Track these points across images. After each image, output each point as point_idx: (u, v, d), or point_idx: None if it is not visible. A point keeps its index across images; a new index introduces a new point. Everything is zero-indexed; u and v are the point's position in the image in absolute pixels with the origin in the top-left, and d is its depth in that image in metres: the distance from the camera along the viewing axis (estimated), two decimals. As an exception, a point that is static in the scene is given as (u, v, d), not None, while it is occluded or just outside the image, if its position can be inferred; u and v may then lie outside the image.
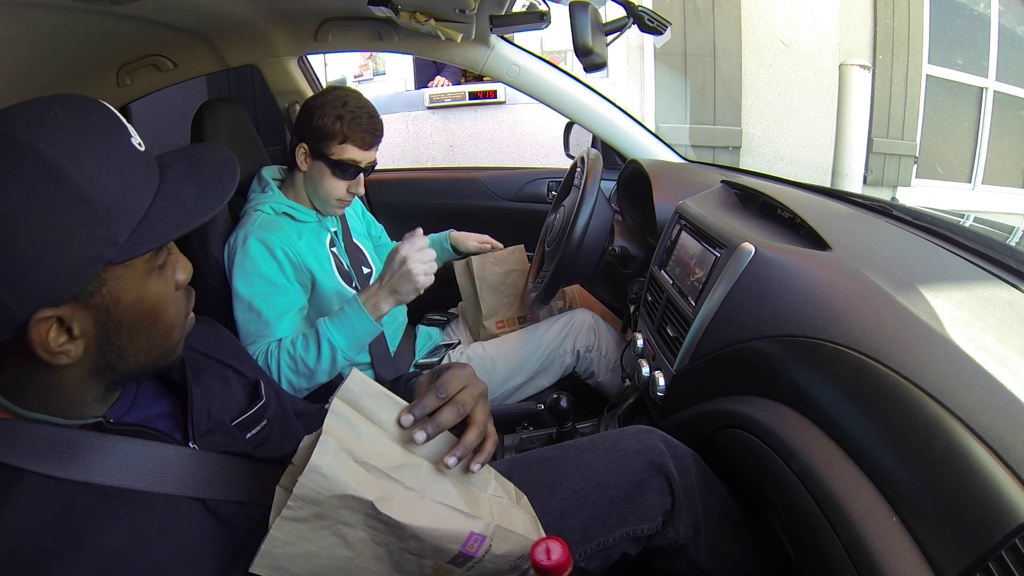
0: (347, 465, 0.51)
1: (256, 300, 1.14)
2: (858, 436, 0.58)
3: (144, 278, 0.51)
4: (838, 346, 0.63)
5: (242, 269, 1.15)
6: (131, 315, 0.51)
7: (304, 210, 1.26)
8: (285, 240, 1.17)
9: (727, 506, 0.81)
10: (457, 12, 1.22)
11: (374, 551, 0.54)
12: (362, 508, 0.51)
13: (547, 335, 1.38)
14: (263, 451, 0.66)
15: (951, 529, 0.46)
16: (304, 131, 1.20)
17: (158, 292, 0.53)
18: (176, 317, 0.56)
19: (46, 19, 0.97)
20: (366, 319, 1.08)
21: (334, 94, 1.20)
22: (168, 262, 0.55)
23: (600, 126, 1.57)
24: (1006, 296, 0.67)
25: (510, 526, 0.58)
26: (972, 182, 4.68)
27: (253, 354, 1.12)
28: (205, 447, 0.60)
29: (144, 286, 0.51)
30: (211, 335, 0.74)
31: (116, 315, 0.50)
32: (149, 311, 0.53)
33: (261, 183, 1.27)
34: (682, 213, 1.06)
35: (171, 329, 0.56)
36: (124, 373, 0.54)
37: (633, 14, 1.24)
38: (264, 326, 1.13)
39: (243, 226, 1.18)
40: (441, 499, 0.55)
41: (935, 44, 4.40)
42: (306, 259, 1.20)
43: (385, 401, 0.57)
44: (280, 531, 0.50)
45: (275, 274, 1.16)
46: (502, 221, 1.94)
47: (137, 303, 0.51)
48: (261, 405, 0.69)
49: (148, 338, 0.54)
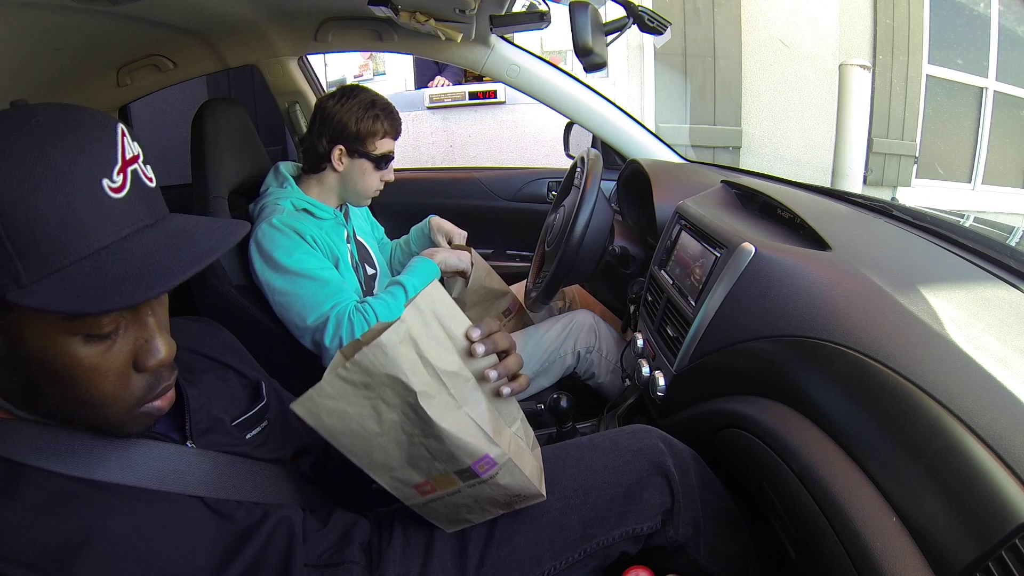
0: (409, 354, 0.56)
1: (312, 269, 1.16)
2: (858, 436, 0.58)
3: (56, 335, 0.44)
4: (838, 346, 0.63)
5: (284, 249, 1.15)
6: (37, 364, 0.45)
7: (324, 207, 1.27)
8: (310, 229, 1.19)
9: (727, 505, 0.81)
10: (457, 12, 1.22)
11: (397, 436, 0.59)
12: (405, 395, 0.56)
13: (547, 336, 1.38)
14: (263, 452, 0.67)
15: (951, 529, 0.46)
16: (340, 134, 1.23)
17: (78, 358, 0.45)
18: (114, 395, 0.48)
19: (46, 19, 0.97)
20: (432, 265, 1.28)
21: (359, 97, 1.23)
22: (121, 335, 0.47)
23: (600, 126, 1.57)
24: (1006, 296, 0.67)
25: (520, 464, 0.63)
26: (972, 182, 4.68)
27: (331, 315, 1.14)
28: (204, 446, 0.60)
29: (54, 343, 0.44)
30: (212, 337, 0.74)
31: (21, 352, 0.44)
32: (61, 372, 0.45)
33: (279, 178, 1.28)
34: (682, 213, 1.06)
35: (103, 404, 0.48)
36: (58, 419, 0.50)
37: (633, 14, 1.24)
38: (333, 287, 1.16)
39: (267, 217, 1.19)
40: (473, 415, 0.60)
41: (935, 44, 4.40)
42: (332, 246, 1.23)
43: (455, 314, 0.62)
44: (329, 385, 0.56)
45: (318, 254, 1.18)
46: (502, 221, 1.94)
47: (41, 356, 0.44)
48: (262, 406, 0.70)
49: (64, 398, 0.47)
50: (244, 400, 0.70)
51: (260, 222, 1.19)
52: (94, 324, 0.45)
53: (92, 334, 0.45)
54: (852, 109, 4.05)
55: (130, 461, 0.54)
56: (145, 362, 0.49)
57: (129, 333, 0.48)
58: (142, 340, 0.49)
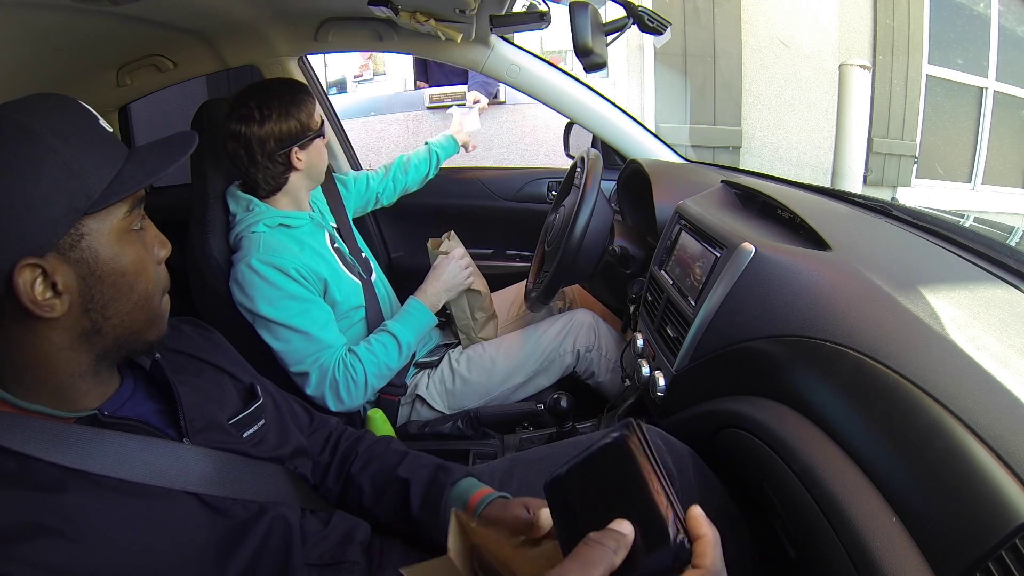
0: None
1: (294, 320, 1.13)
2: (858, 436, 0.58)
3: (120, 237, 0.56)
4: (838, 346, 0.63)
5: (264, 296, 1.12)
6: (110, 271, 0.55)
7: (296, 215, 1.23)
8: (293, 258, 1.14)
9: (726, 503, 0.81)
10: (457, 12, 1.22)
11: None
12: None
13: (547, 335, 1.38)
14: (260, 450, 0.67)
15: (951, 529, 0.46)
16: (286, 139, 1.17)
17: (135, 254, 0.57)
18: (155, 285, 0.60)
19: (46, 19, 0.97)
20: (428, 315, 1.29)
21: (264, 100, 1.16)
22: (147, 233, 0.60)
23: (600, 126, 1.57)
24: (1006, 296, 0.67)
25: None
26: (972, 182, 4.68)
27: (312, 370, 1.14)
28: (201, 444, 0.61)
29: (121, 244, 0.56)
30: (205, 340, 0.75)
31: (96, 270, 0.54)
32: (128, 270, 0.56)
33: (240, 203, 1.22)
34: (682, 213, 1.06)
35: (150, 296, 0.59)
36: (111, 339, 0.56)
37: (633, 14, 1.24)
38: (315, 343, 1.14)
39: (245, 257, 1.13)
40: None
41: (935, 44, 4.39)
42: (317, 268, 1.18)
43: None
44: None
45: (300, 291, 1.14)
46: (502, 221, 1.94)
47: (115, 259, 0.55)
48: (258, 404, 0.70)
49: (129, 299, 0.57)
50: (238, 400, 0.70)
51: (238, 262, 1.14)
52: (132, 219, 0.57)
53: (134, 228, 0.57)
54: (852, 109, 4.05)
55: (128, 456, 0.55)
56: (161, 253, 0.61)
57: (144, 233, 0.60)
58: (151, 235, 0.61)
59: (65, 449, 0.52)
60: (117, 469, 0.54)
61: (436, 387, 1.34)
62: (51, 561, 0.47)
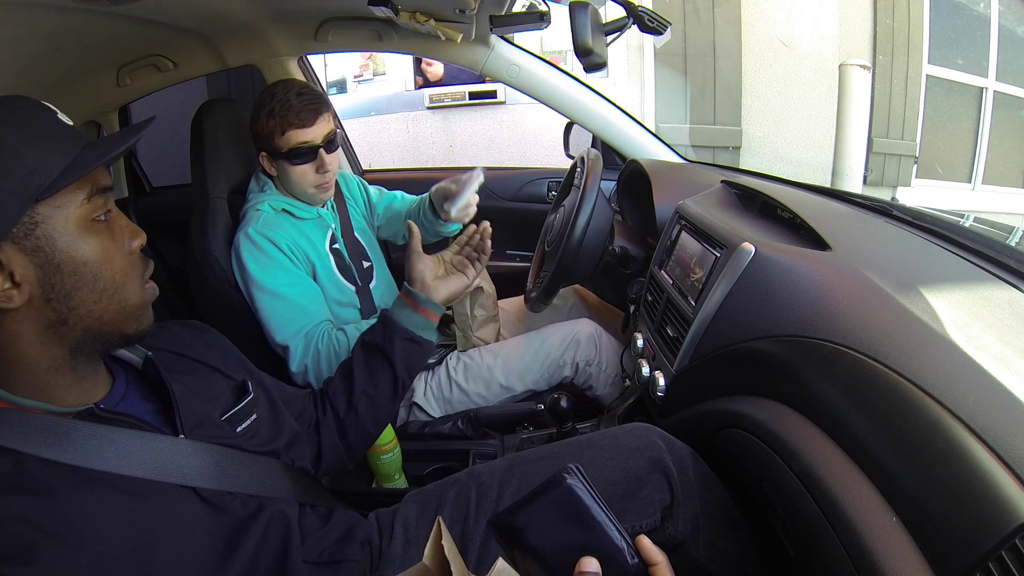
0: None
1: (282, 289, 1.15)
2: (858, 436, 0.58)
3: (81, 225, 0.55)
4: (838, 346, 0.63)
5: (258, 263, 1.15)
6: (69, 260, 0.54)
7: (303, 206, 1.25)
8: (287, 236, 1.19)
9: (725, 503, 0.81)
10: (457, 12, 1.22)
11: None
12: None
13: (546, 345, 1.34)
14: (254, 444, 0.68)
15: (951, 529, 0.46)
16: (256, 140, 1.21)
17: (99, 243, 0.56)
18: (124, 276, 0.59)
19: (46, 19, 0.97)
20: None
21: (265, 93, 1.18)
22: (114, 223, 0.59)
23: (600, 126, 1.57)
24: (1006, 296, 0.67)
25: None
26: (972, 182, 4.68)
27: (297, 341, 1.14)
28: (196, 439, 0.62)
29: (81, 233, 0.55)
30: (196, 339, 0.76)
31: (54, 259, 0.54)
32: (90, 259, 0.56)
33: (259, 182, 1.27)
34: (682, 213, 1.06)
35: (122, 286, 0.58)
36: (80, 331, 0.56)
37: (633, 14, 1.24)
38: (299, 311, 1.16)
39: (245, 226, 1.18)
40: None
41: (935, 44, 4.40)
42: (308, 253, 1.22)
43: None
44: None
45: (289, 265, 1.18)
46: (502, 221, 1.93)
47: (73, 247, 0.55)
48: (250, 399, 0.71)
49: (94, 289, 0.56)
50: (230, 397, 0.71)
51: (239, 232, 1.19)
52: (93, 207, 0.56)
53: (96, 218, 0.56)
54: (852, 109, 4.05)
55: (127, 451, 0.55)
56: (131, 242, 0.60)
57: (112, 224, 0.59)
58: (121, 226, 0.60)
59: (65, 446, 0.52)
60: (118, 465, 0.54)
61: (433, 393, 1.33)
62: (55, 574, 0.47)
